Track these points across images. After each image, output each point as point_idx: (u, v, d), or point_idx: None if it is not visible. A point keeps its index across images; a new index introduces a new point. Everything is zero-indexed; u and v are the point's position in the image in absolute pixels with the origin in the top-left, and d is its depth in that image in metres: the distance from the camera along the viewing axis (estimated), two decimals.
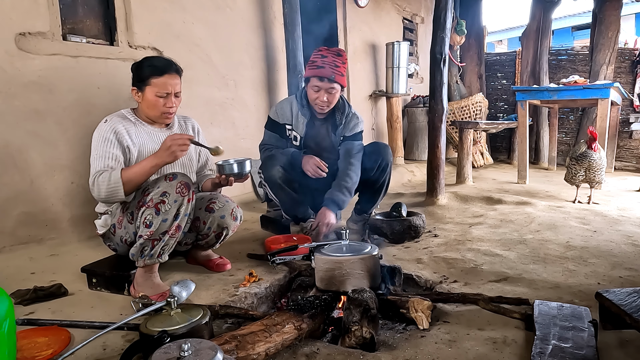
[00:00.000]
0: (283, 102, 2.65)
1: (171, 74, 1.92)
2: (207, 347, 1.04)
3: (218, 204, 2.01)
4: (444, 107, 3.51)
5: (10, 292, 1.78)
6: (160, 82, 1.89)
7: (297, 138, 2.59)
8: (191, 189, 1.79)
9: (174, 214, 1.74)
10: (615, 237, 2.56)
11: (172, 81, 1.92)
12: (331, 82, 2.41)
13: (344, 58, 2.49)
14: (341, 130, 2.63)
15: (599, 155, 3.40)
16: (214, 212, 1.99)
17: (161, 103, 1.92)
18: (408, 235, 2.58)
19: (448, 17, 3.42)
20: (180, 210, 1.76)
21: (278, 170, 2.44)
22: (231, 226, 2.04)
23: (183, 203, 1.75)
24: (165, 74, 1.90)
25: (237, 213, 2.06)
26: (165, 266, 2.20)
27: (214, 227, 2.01)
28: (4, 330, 1.22)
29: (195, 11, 3.34)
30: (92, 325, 1.56)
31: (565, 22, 14.84)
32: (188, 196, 1.77)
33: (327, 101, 2.47)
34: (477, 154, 6.06)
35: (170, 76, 1.91)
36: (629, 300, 1.38)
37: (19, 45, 2.40)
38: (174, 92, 1.95)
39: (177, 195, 1.73)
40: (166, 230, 1.75)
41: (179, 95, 1.99)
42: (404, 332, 1.59)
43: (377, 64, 5.79)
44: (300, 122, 2.57)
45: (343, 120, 2.61)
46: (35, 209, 2.49)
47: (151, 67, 1.90)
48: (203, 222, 2.00)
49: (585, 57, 6.39)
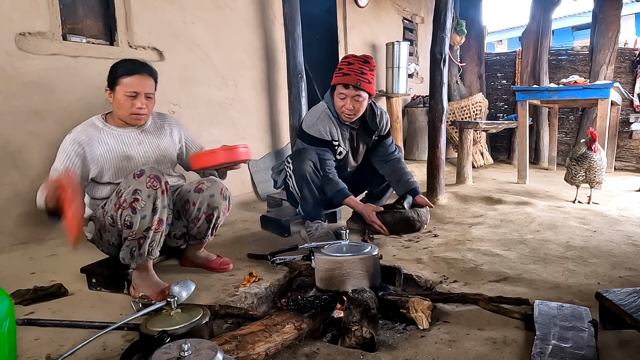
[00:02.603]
0: (323, 119, 2.49)
1: (142, 74, 1.91)
2: (207, 347, 1.04)
3: (207, 184, 2.00)
4: (444, 107, 3.51)
5: (10, 292, 1.78)
6: (129, 82, 1.88)
7: (342, 153, 2.56)
8: (162, 180, 1.76)
9: (151, 209, 1.72)
10: (615, 237, 2.56)
11: (143, 82, 1.91)
12: (357, 90, 2.33)
13: (372, 65, 2.41)
14: (377, 132, 2.65)
15: (599, 156, 3.40)
16: (203, 192, 1.98)
17: (129, 103, 1.90)
18: (400, 228, 2.45)
19: (448, 17, 3.42)
20: (157, 204, 1.73)
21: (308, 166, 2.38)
22: (222, 206, 2.01)
23: (157, 196, 1.73)
24: (135, 74, 1.89)
25: (226, 193, 2.04)
26: (165, 267, 2.20)
27: (204, 208, 1.99)
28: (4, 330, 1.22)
29: (195, 11, 3.34)
30: (92, 325, 1.56)
31: (565, 22, 14.84)
32: (161, 188, 1.74)
33: (353, 109, 2.39)
34: (477, 154, 6.06)
35: (140, 77, 1.90)
36: (629, 300, 1.38)
37: (19, 45, 2.40)
38: (145, 93, 1.92)
39: (149, 190, 1.71)
40: (148, 226, 1.73)
41: (151, 97, 1.97)
42: (404, 332, 1.59)
43: (377, 64, 5.79)
44: (344, 138, 2.54)
45: (377, 123, 2.61)
46: (35, 209, 2.47)
47: (123, 67, 1.90)
48: (192, 203, 1.98)
49: (585, 57, 6.39)
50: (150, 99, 1.96)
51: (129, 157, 1.96)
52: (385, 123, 2.65)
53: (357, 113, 2.43)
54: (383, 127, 2.64)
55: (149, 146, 2.04)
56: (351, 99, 2.36)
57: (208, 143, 3.51)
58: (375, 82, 2.52)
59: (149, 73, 1.94)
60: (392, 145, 2.69)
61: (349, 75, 2.33)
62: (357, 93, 2.34)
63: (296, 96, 3.84)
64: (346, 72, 2.35)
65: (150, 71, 1.96)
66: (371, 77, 2.38)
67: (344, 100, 2.38)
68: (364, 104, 2.41)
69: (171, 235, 2.07)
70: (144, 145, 2.02)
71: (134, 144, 1.99)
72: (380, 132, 2.64)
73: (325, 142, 2.48)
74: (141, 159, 2.00)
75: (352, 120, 2.47)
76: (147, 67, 1.95)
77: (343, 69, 2.37)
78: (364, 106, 2.44)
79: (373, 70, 2.41)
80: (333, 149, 2.51)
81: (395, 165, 2.65)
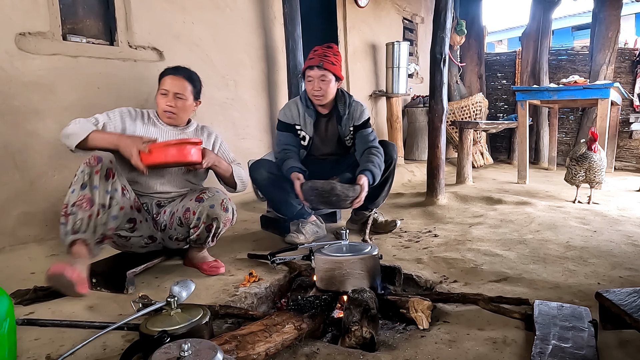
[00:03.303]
0: (290, 104, 2.68)
1: (176, 75, 2.05)
2: (207, 347, 1.04)
3: (208, 194, 2.01)
4: (444, 107, 3.51)
5: (10, 292, 1.78)
6: (163, 81, 2.06)
7: (305, 138, 2.62)
8: (103, 163, 1.78)
9: (80, 184, 1.76)
10: (615, 237, 2.56)
11: (174, 81, 2.04)
12: (320, 69, 2.46)
13: (335, 50, 2.55)
14: (347, 120, 2.62)
15: (599, 156, 3.40)
16: (203, 202, 1.98)
17: (161, 101, 2.05)
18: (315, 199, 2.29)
19: (448, 17, 3.42)
20: (86, 181, 1.76)
21: (262, 173, 2.47)
22: (222, 217, 1.99)
23: (91, 174, 1.76)
24: (169, 75, 2.06)
25: (228, 205, 2.02)
26: (165, 267, 2.20)
27: (204, 218, 1.97)
28: (4, 330, 1.22)
29: (195, 11, 3.34)
30: (92, 325, 1.56)
31: (565, 22, 14.85)
32: (96, 168, 1.77)
33: (320, 89, 2.49)
34: (477, 154, 6.07)
35: (173, 77, 2.05)
36: (629, 300, 1.38)
37: (19, 45, 2.40)
38: (174, 92, 2.03)
39: (84, 165, 1.78)
40: (74, 201, 1.74)
41: (181, 98, 2.05)
42: (404, 332, 1.59)
43: (377, 64, 5.79)
44: (307, 123, 2.60)
45: (346, 110, 2.61)
46: (35, 209, 2.49)
47: (165, 70, 2.09)
48: (193, 212, 1.98)
49: (585, 57, 6.40)
50: (181, 99, 2.06)
51: None
52: (359, 113, 2.62)
53: (326, 94, 2.52)
54: (356, 116, 2.62)
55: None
56: (318, 80, 2.48)
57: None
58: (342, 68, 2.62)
59: (184, 76, 2.07)
60: (370, 137, 2.59)
61: (312, 59, 2.50)
62: (322, 73, 2.47)
63: (296, 96, 3.84)
64: (311, 57, 2.52)
65: (185, 74, 2.08)
66: (335, 60, 2.51)
67: (311, 82, 2.50)
68: (330, 85, 2.51)
69: (172, 238, 2.08)
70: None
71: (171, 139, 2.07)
72: (355, 122, 2.62)
73: (287, 126, 2.61)
74: None
75: (323, 102, 2.56)
76: (182, 70, 2.09)
77: (309, 56, 2.53)
78: (332, 88, 2.53)
79: (337, 55, 2.55)
80: (296, 133, 2.61)
81: (367, 154, 2.50)
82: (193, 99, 2.12)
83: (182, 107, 2.08)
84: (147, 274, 2.10)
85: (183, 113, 2.10)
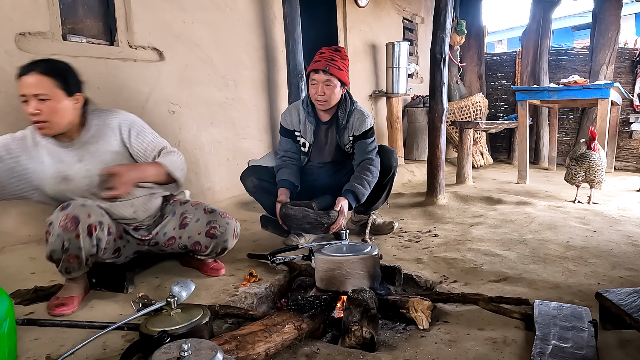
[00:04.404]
0: (291, 108, 2.60)
1: (30, 73, 1.57)
2: (207, 347, 1.04)
3: (219, 229, 1.94)
4: (444, 107, 3.51)
5: (10, 292, 1.78)
6: (19, 86, 1.58)
7: (305, 145, 2.56)
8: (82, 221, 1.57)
9: (60, 247, 1.58)
10: (615, 237, 2.56)
11: (28, 81, 1.56)
12: (326, 74, 2.36)
13: (343, 54, 2.44)
14: (346, 130, 2.52)
15: (599, 155, 3.40)
16: (216, 238, 1.94)
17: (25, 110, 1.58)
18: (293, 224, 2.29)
19: (448, 17, 3.42)
20: (69, 246, 1.59)
21: (252, 180, 2.49)
22: (232, 244, 2.01)
23: (70, 239, 1.58)
24: (22, 75, 1.58)
25: (237, 230, 2.02)
26: (165, 267, 2.20)
27: (217, 250, 1.98)
28: (4, 330, 1.22)
29: (195, 11, 3.34)
30: (92, 325, 1.56)
31: (565, 22, 14.83)
32: (76, 232, 1.57)
33: (324, 95, 2.39)
34: (477, 154, 6.06)
35: (27, 76, 1.57)
36: (629, 300, 1.38)
37: (19, 45, 2.40)
38: (32, 95, 1.56)
39: (59, 229, 1.56)
40: (59, 258, 1.62)
41: (45, 99, 1.57)
42: (404, 332, 1.59)
43: (377, 64, 5.79)
44: (307, 130, 2.53)
45: (345, 119, 2.50)
46: (35, 209, 2.49)
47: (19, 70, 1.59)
48: (205, 246, 1.95)
49: (585, 57, 6.39)
50: (45, 101, 1.57)
51: (67, 178, 1.70)
52: (360, 123, 2.49)
53: (330, 100, 2.42)
54: (355, 127, 2.50)
55: (91, 162, 1.73)
56: (322, 85, 2.38)
57: (208, 143, 3.52)
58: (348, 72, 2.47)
59: (39, 70, 1.57)
60: (368, 147, 2.48)
61: (319, 62, 2.40)
62: (327, 78, 2.37)
63: (296, 96, 3.84)
64: (317, 59, 2.42)
65: (41, 67, 1.58)
66: (342, 65, 2.41)
67: (315, 86, 2.41)
68: (335, 91, 2.41)
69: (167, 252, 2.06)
70: (85, 162, 1.72)
71: (73, 162, 1.71)
72: (354, 132, 2.50)
73: (288, 132, 2.56)
74: (83, 179, 1.72)
75: (325, 107, 2.45)
76: (38, 64, 1.59)
77: (315, 58, 2.44)
78: (336, 93, 2.43)
79: (345, 59, 2.45)
80: (295, 139, 2.56)
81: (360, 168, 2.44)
82: (66, 96, 1.62)
83: (52, 111, 1.58)
84: (147, 274, 2.10)
85: (57, 119, 1.60)
